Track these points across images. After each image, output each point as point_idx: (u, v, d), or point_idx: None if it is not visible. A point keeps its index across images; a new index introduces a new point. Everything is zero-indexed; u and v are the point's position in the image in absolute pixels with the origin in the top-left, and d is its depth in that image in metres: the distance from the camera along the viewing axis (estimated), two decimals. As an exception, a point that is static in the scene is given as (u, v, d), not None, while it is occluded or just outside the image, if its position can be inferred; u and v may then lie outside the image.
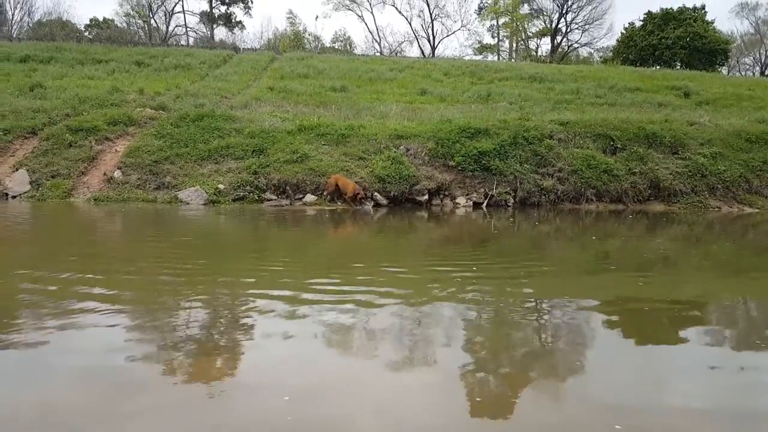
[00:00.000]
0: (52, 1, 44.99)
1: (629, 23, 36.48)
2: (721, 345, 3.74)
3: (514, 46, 48.30)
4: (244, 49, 31.54)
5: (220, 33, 46.69)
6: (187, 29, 45.61)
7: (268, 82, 19.70)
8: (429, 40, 45.95)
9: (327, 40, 45.99)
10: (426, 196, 11.95)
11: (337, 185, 11.21)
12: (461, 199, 12.12)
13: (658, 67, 31.30)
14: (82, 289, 4.35)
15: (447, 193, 12.22)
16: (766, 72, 45.90)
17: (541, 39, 48.64)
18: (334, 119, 14.22)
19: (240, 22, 47.34)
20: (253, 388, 2.72)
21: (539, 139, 13.08)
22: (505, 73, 23.35)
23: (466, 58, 41.30)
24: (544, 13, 45.68)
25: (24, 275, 4.92)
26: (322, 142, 12.79)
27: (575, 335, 3.84)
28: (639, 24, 35.16)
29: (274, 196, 11.53)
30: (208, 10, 45.89)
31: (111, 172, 11.77)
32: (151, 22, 43.86)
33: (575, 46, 46.89)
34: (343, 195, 11.27)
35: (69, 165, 11.82)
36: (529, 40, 49.13)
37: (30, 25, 37.02)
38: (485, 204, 12.04)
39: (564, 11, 44.25)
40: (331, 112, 15.43)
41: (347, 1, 45.06)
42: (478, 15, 46.69)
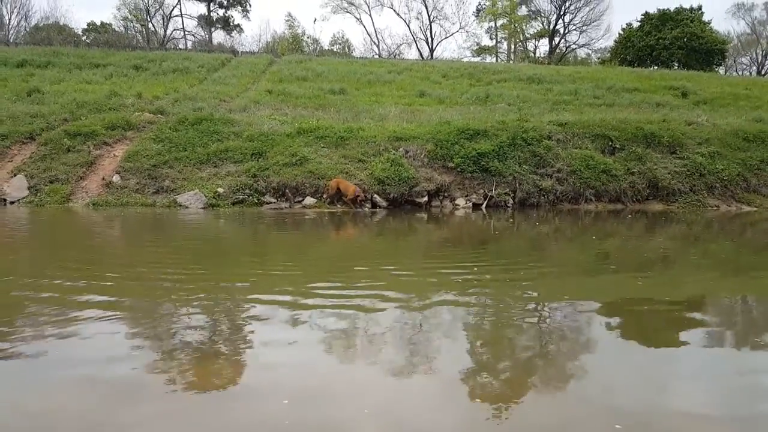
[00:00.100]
0: (49, 5, 44.71)
1: (627, 24, 36.66)
2: (721, 345, 3.74)
3: (513, 47, 48.41)
4: (242, 52, 31.56)
5: (219, 36, 46.76)
6: (185, 33, 45.67)
7: (266, 86, 19.70)
8: (427, 43, 46.04)
9: (325, 43, 46.10)
10: (425, 198, 11.95)
11: (338, 188, 11.22)
12: (461, 201, 12.13)
13: (656, 67, 31.38)
14: (81, 295, 4.32)
15: (446, 194, 12.22)
16: (763, 71, 46.01)
17: (539, 40, 48.81)
18: (333, 122, 14.23)
19: (238, 25, 47.39)
20: (253, 392, 2.72)
21: (538, 140, 13.10)
22: (504, 74, 23.39)
23: (465, 59, 41.31)
24: (542, 14, 45.85)
25: (22, 282, 4.90)
26: (321, 145, 12.78)
27: (575, 336, 3.83)
28: (636, 25, 35.24)
29: (274, 199, 11.52)
30: (206, 14, 45.89)
31: (109, 177, 11.75)
32: (149, 26, 43.90)
33: (573, 47, 47.05)
34: (344, 197, 11.28)
35: (67, 170, 11.79)
36: (527, 42, 49.27)
37: (27, 29, 36.95)
38: (485, 205, 12.04)
39: (562, 12, 44.40)
40: (330, 114, 15.44)
41: (345, 4, 45.14)
42: (476, 17, 46.83)
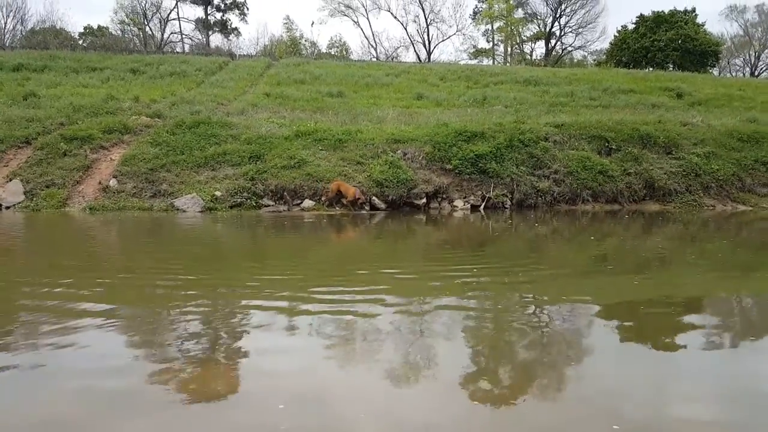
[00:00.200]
0: (46, 9, 44.85)
1: (622, 26, 36.81)
2: (721, 345, 3.75)
3: (509, 50, 48.61)
4: (240, 55, 31.53)
5: (216, 40, 46.73)
6: (183, 36, 45.66)
7: (264, 89, 19.71)
8: (425, 45, 46.15)
9: (323, 46, 46.11)
10: (424, 200, 11.98)
11: (338, 191, 11.24)
12: (459, 202, 12.16)
13: (651, 69, 31.53)
14: (78, 303, 4.29)
15: (444, 196, 12.25)
16: (756, 73, 46.32)
17: (535, 43, 48.99)
18: (331, 124, 14.25)
19: (236, 28, 47.42)
20: (252, 398, 2.71)
21: (535, 141, 13.15)
22: (501, 77, 23.48)
23: (462, 62, 41.54)
24: (538, 17, 46.03)
25: (18, 288, 4.87)
26: (320, 148, 12.80)
27: (574, 338, 3.85)
28: (631, 27, 35.42)
29: (272, 202, 11.52)
30: (204, 17, 45.92)
31: (106, 181, 11.72)
32: (146, 30, 43.86)
33: (569, 49, 47.24)
34: (343, 200, 11.29)
35: (64, 174, 11.75)
36: (524, 44, 49.48)
37: (23, 33, 36.78)
38: (483, 206, 12.08)
39: (558, 15, 44.60)
40: (328, 117, 15.46)
41: (343, 7, 45.24)
42: (472, 20, 46.97)
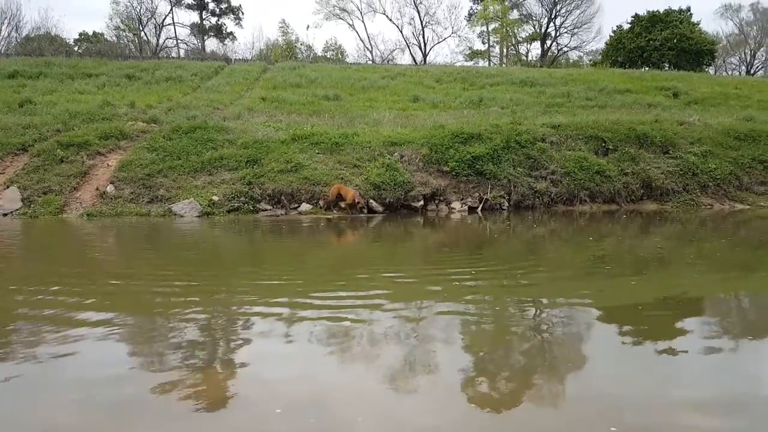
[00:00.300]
0: (41, 16, 44.80)
1: (617, 26, 36.95)
2: (719, 346, 3.75)
3: (505, 51, 48.72)
4: (235, 59, 31.56)
5: (212, 44, 46.73)
6: (178, 41, 45.64)
7: (260, 93, 19.70)
8: (420, 48, 46.28)
9: (319, 50, 46.18)
10: (421, 202, 11.97)
11: (339, 194, 11.24)
12: (456, 204, 12.15)
13: (647, 68, 31.63)
14: (76, 309, 4.28)
15: (442, 198, 12.25)
16: (752, 71, 46.52)
17: (531, 44, 49.17)
18: (328, 128, 14.23)
19: (231, 33, 47.50)
20: (250, 403, 2.70)
21: (531, 142, 13.16)
22: (497, 78, 23.51)
23: (458, 64, 41.59)
24: (534, 18, 46.21)
25: (16, 296, 4.85)
26: (316, 151, 12.79)
27: (573, 340, 3.84)
28: (627, 27, 35.56)
29: (269, 206, 11.50)
30: (199, 22, 45.98)
31: (104, 187, 11.69)
32: (142, 35, 43.86)
33: (565, 49, 47.41)
34: (341, 203, 11.28)
35: (61, 181, 11.72)
36: (519, 45, 49.65)
37: (18, 40, 36.66)
38: (480, 208, 12.07)
39: (553, 16, 44.77)
40: (325, 120, 15.45)
41: (338, 11, 45.36)
42: (468, 21, 47.12)
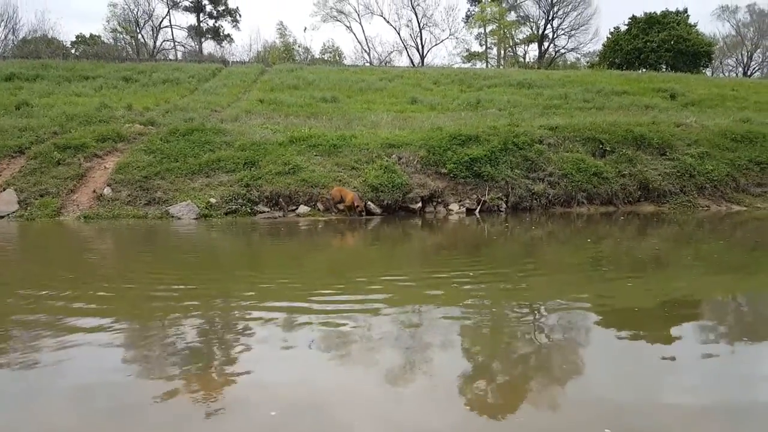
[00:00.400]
0: (37, 18, 44.71)
1: (614, 28, 37.03)
2: (716, 348, 3.75)
3: (502, 53, 48.84)
4: (233, 62, 31.58)
5: (209, 47, 46.77)
6: (175, 44, 45.69)
7: (258, 95, 19.70)
8: (418, 49, 46.37)
9: (316, 52, 46.23)
10: (419, 204, 11.97)
11: (340, 196, 11.23)
12: (454, 206, 12.15)
13: (644, 70, 31.72)
14: (73, 312, 4.27)
15: (440, 200, 12.24)
16: (749, 72, 46.70)
17: (528, 45, 49.25)
18: (326, 130, 14.23)
19: (228, 35, 47.49)
20: (247, 406, 2.69)
21: (529, 144, 13.17)
22: (494, 80, 23.56)
23: (455, 66, 41.67)
24: (531, 19, 46.34)
25: (13, 299, 4.83)
26: (314, 153, 12.78)
27: (571, 343, 3.84)
28: (624, 28, 35.65)
29: (267, 209, 11.48)
30: (196, 24, 45.97)
31: (101, 189, 11.66)
32: (139, 38, 43.83)
33: (562, 51, 47.54)
34: (339, 205, 11.27)
35: (57, 183, 11.69)
36: (517, 47, 49.73)
37: (14, 42, 36.64)
38: (478, 210, 12.07)
39: (550, 17, 44.90)
40: (322, 122, 15.45)
41: (335, 13, 45.44)
42: (465, 23, 47.23)
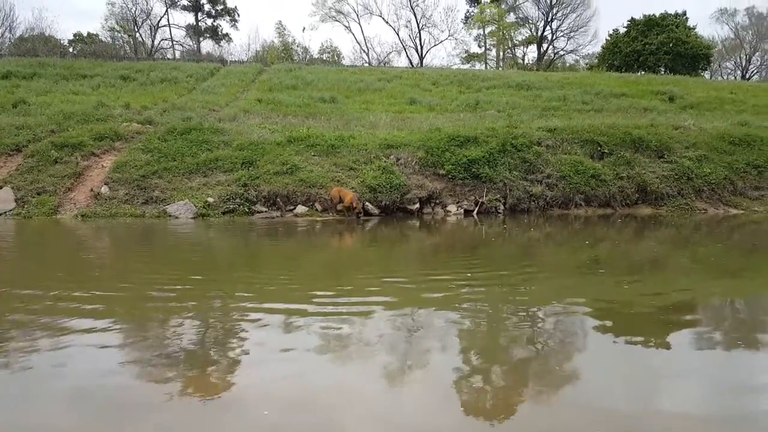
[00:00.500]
0: (34, 16, 44.49)
1: (613, 30, 37.11)
2: (711, 352, 3.75)
3: (501, 54, 48.87)
4: (231, 61, 31.55)
5: (207, 46, 46.67)
6: (173, 43, 45.57)
7: (256, 94, 19.67)
8: (417, 50, 46.34)
9: (315, 52, 46.18)
10: (417, 205, 11.96)
11: (339, 197, 11.21)
12: (452, 207, 12.15)
13: (643, 72, 31.78)
14: (71, 310, 4.26)
15: (438, 201, 12.24)
16: (747, 75, 46.83)
17: (527, 47, 49.24)
18: (324, 130, 14.21)
19: (227, 34, 47.40)
20: (242, 404, 2.68)
21: (527, 146, 13.18)
22: (493, 81, 23.56)
23: (454, 67, 41.67)
24: (530, 21, 46.33)
25: (10, 297, 4.81)
26: (312, 153, 12.76)
27: (567, 345, 3.83)
28: (623, 30, 35.72)
29: (265, 208, 11.46)
30: (194, 24, 45.88)
31: (98, 188, 11.63)
32: (137, 36, 43.72)
33: (561, 53, 47.54)
34: (338, 205, 11.25)
35: (55, 182, 11.66)
36: (516, 49, 49.74)
37: (12, 40, 36.46)
38: (476, 211, 12.07)
39: (549, 19, 44.91)
40: (321, 123, 15.44)
41: (334, 13, 45.40)
42: (464, 24, 47.22)
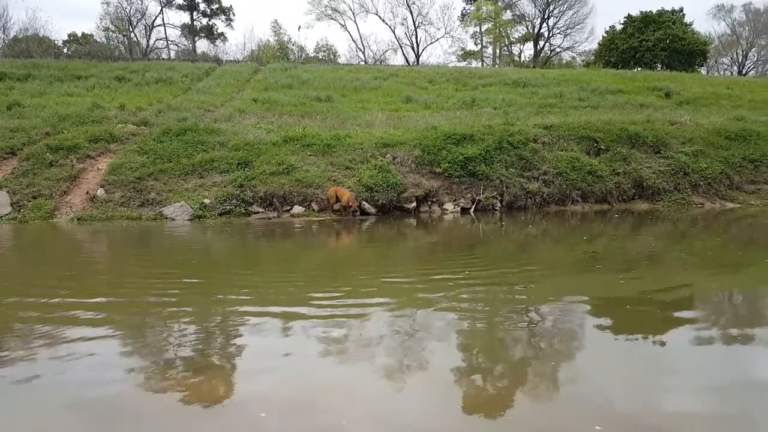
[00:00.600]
0: (28, 16, 44.09)
1: (610, 27, 37.22)
2: (708, 346, 3.75)
3: (498, 51, 48.87)
4: (226, 61, 31.47)
5: (202, 45, 46.48)
6: (168, 42, 45.39)
7: (251, 94, 19.60)
8: (413, 48, 46.29)
9: (311, 50, 46.07)
10: (414, 204, 11.95)
11: (336, 196, 11.19)
12: (449, 205, 12.14)
13: (639, 68, 31.79)
14: (70, 315, 4.25)
15: (435, 199, 12.23)
16: (744, 71, 46.90)
17: (524, 44, 49.25)
18: (320, 129, 14.18)
19: (222, 33, 47.26)
20: (239, 408, 2.68)
21: (524, 143, 13.18)
22: (489, 79, 23.54)
23: (450, 64, 41.65)
24: (527, 18, 46.34)
25: (9, 302, 4.79)
26: (308, 153, 12.74)
27: (564, 341, 3.83)
28: (619, 27, 35.72)
29: (261, 209, 11.44)
30: (189, 23, 45.74)
31: (94, 191, 11.58)
32: (132, 36, 43.56)
33: (558, 50, 47.58)
34: (335, 205, 11.23)
35: (50, 185, 11.59)
36: (512, 46, 49.75)
37: (5, 42, 36.28)
38: (473, 209, 12.07)
39: (546, 16, 44.92)
40: (317, 122, 15.40)
41: (329, 11, 45.29)
42: (461, 22, 47.18)
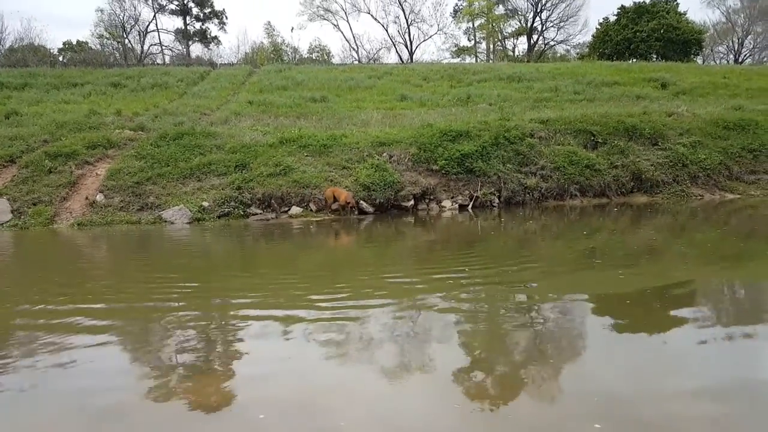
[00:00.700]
0: (23, 26, 44.06)
1: (603, 18, 36.98)
2: (708, 341, 3.77)
3: (491, 47, 48.80)
4: (221, 64, 31.41)
5: (196, 50, 46.41)
6: (163, 48, 45.30)
7: (247, 96, 19.60)
8: (406, 46, 46.14)
9: (304, 51, 45.98)
10: (411, 202, 11.96)
11: (333, 196, 11.19)
12: (447, 203, 12.15)
13: (635, 60, 31.72)
14: (72, 321, 4.27)
15: (432, 197, 12.23)
16: (740, 59, 46.84)
17: (517, 39, 49.09)
18: (316, 130, 14.19)
19: (216, 37, 47.12)
20: (239, 409, 2.69)
21: (520, 138, 13.17)
22: (484, 74, 23.52)
23: (444, 61, 41.62)
24: (519, 12, 46.14)
25: (11, 308, 4.80)
26: (305, 154, 12.74)
27: (564, 338, 3.84)
28: (613, 18, 35.61)
29: (260, 210, 11.45)
30: (183, 28, 45.65)
31: (93, 196, 11.61)
32: (126, 43, 43.47)
33: (551, 43, 47.39)
34: (332, 204, 11.23)
35: (50, 191, 11.64)
36: (506, 41, 49.63)
37: (1, 52, 36.31)
38: (471, 206, 12.07)
39: (538, 10, 44.74)
40: (312, 122, 15.40)
41: (322, 11, 45.15)
42: (453, 18, 47.04)
